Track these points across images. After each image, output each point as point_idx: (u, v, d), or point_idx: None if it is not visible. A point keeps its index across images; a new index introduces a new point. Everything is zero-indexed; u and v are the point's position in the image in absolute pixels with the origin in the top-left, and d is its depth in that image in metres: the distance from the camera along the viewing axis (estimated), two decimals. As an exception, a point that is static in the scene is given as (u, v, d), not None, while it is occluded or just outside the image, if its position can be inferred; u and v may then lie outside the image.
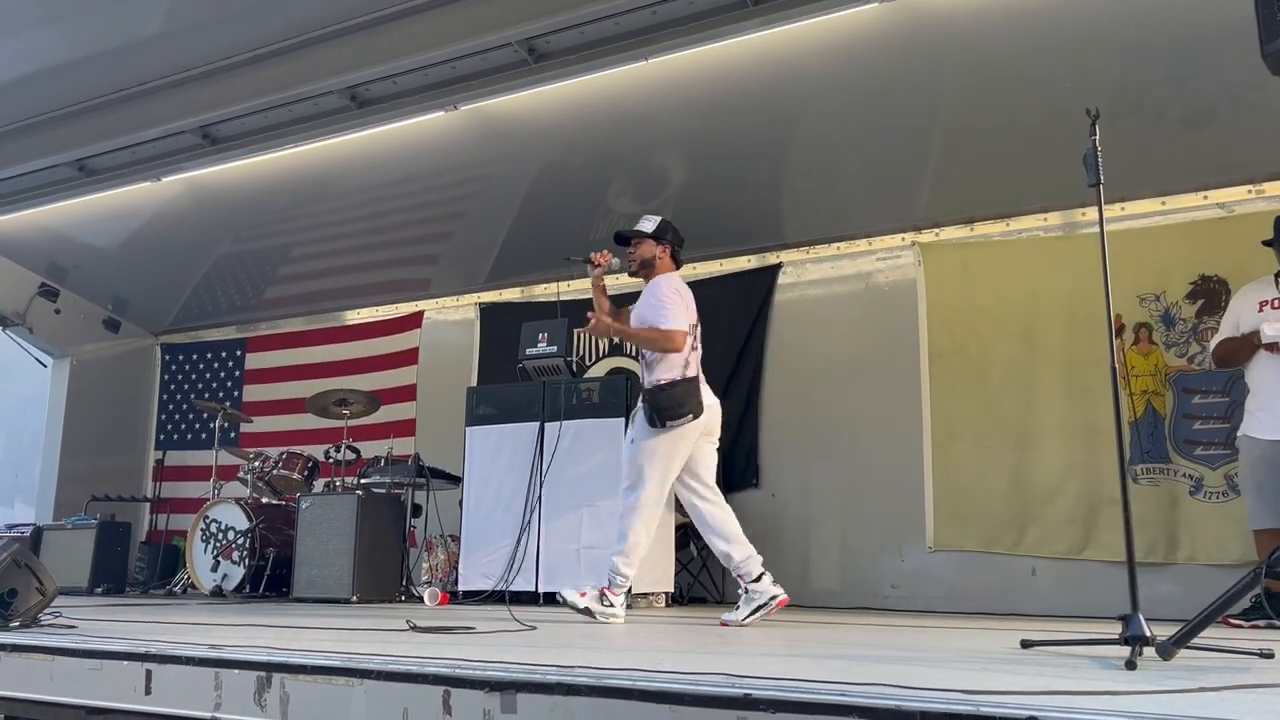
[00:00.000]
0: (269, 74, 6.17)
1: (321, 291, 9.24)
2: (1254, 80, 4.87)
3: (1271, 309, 4.83)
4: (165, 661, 2.72)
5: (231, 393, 9.88)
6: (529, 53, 5.73)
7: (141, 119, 6.71)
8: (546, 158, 6.96)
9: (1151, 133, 5.73)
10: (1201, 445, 6.01)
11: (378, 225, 8.07)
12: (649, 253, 4.87)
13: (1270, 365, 4.75)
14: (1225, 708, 1.82)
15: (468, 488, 6.59)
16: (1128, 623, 2.81)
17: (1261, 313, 4.83)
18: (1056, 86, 5.42)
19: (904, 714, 1.78)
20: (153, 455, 10.19)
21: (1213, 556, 5.82)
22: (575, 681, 2.14)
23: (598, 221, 7.59)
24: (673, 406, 4.56)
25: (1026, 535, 6.41)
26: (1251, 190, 6.08)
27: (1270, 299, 4.88)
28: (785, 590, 4.54)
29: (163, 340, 10.46)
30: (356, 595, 6.35)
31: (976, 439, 6.66)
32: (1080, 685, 2.18)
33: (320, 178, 7.37)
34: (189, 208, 7.88)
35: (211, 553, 7.17)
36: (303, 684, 2.47)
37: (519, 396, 6.52)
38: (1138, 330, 6.29)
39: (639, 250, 4.88)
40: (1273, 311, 4.80)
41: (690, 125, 6.42)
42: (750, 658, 2.80)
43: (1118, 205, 6.21)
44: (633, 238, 4.90)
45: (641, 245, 4.88)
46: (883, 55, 5.55)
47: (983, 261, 6.83)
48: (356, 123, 6.46)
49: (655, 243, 4.87)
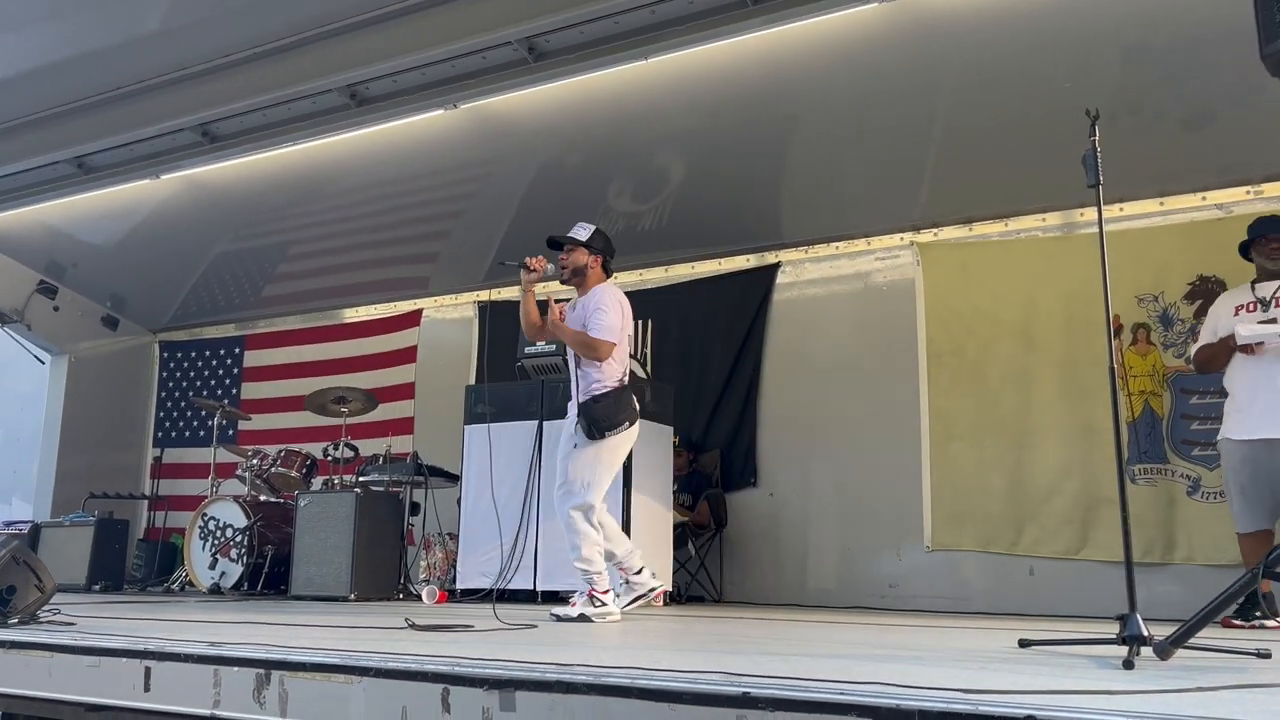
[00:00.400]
0: (268, 72, 6.17)
1: (320, 289, 9.24)
2: (1253, 81, 4.87)
3: (1247, 312, 4.85)
4: (164, 659, 2.72)
5: (230, 390, 9.88)
6: (529, 51, 5.73)
7: (141, 116, 6.70)
8: (545, 156, 6.96)
9: (1151, 133, 5.73)
10: (1199, 445, 6.01)
11: (376, 223, 8.07)
12: (581, 260, 4.88)
13: (1246, 367, 4.77)
14: (1223, 707, 1.83)
15: (466, 486, 6.59)
16: (1125, 622, 2.81)
17: (1237, 316, 4.86)
18: (1056, 87, 5.42)
19: (903, 713, 1.78)
20: (151, 452, 10.18)
21: (1210, 557, 5.82)
22: (574, 679, 2.14)
23: (597, 220, 7.58)
24: (608, 417, 4.68)
25: (1024, 535, 6.41)
26: (1250, 191, 6.09)
27: (1246, 303, 4.91)
28: (785, 590, 4.58)
29: (161, 338, 10.45)
30: (354, 593, 6.35)
31: (974, 439, 6.67)
32: (1078, 685, 2.19)
33: (319, 176, 7.37)
34: (188, 205, 7.88)
35: (210, 550, 7.17)
36: (302, 681, 2.47)
37: (517, 395, 6.52)
38: (1136, 331, 6.30)
39: (571, 257, 4.89)
40: (1248, 315, 4.83)
41: (689, 124, 6.42)
42: (749, 656, 2.80)
43: (1116, 206, 6.22)
44: (566, 243, 4.91)
45: (574, 252, 4.89)
46: (882, 55, 5.55)
47: (981, 262, 6.84)
48: (356, 121, 6.46)
49: (587, 251, 4.89)
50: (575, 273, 4.90)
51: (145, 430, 10.31)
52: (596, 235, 4.93)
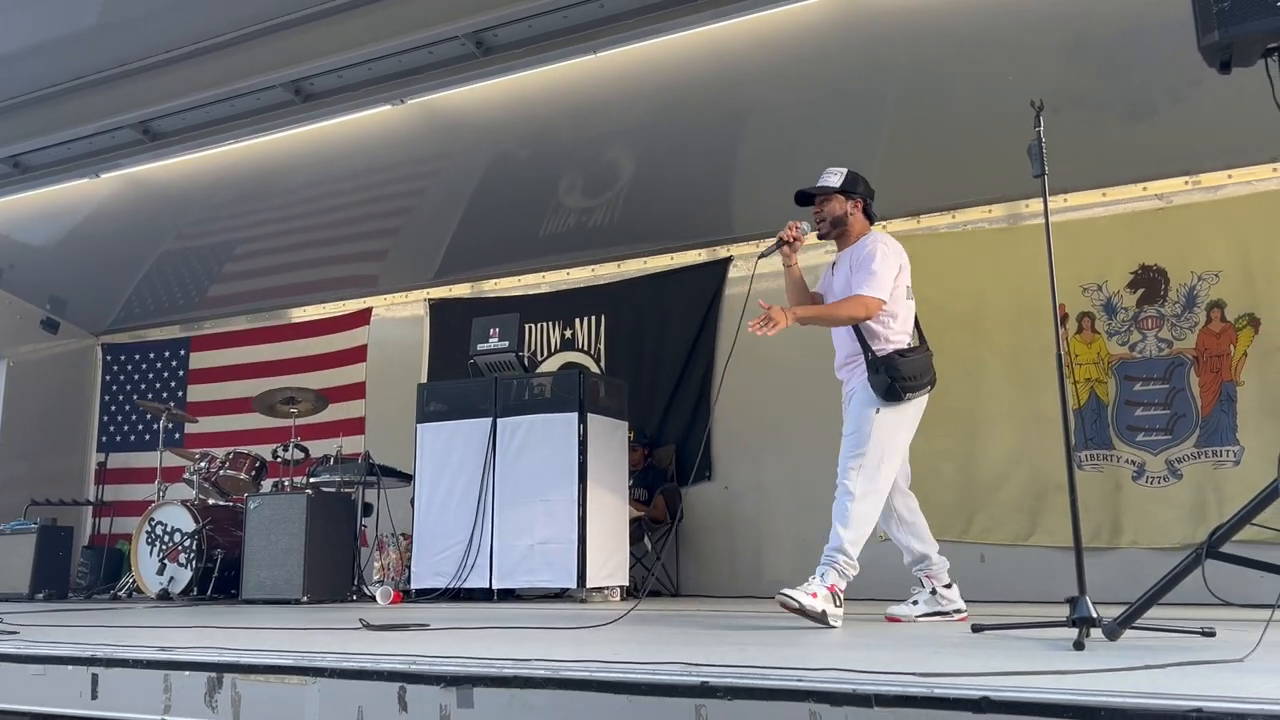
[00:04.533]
0: (210, 67, 6.08)
1: (267, 289, 9.12)
2: (1191, 76, 4.99)
3: None
4: (112, 665, 2.66)
5: (176, 393, 9.71)
6: (476, 46, 5.70)
7: (78, 114, 6.57)
8: (495, 152, 6.92)
9: (1093, 126, 5.83)
10: (1143, 431, 6.13)
11: (324, 221, 7.98)
12: (838, 209, 4.26)
13: None
14: (1169, 684, 1.86)
15: (419, 485, 6.53)
16: (1075, 605, 2.86)
17: None
18: (1001, 80, 5.49)
19: (859, 697, 1.80)
20: (95, 458, 9.98)
21: (1154, 540, 5.94)
22: (532, 674, 2.13)
23: (549, 216, 7.57)
24: (916, 375, 4.09)
25: (975, 523, 6.50)
26: (1189, 182, 6.22)
27: None
28: (741, 582, 4.50)
29: (104, 340, 10.25)
30: (307, 596, 6.28)
31: (925, 428, 6.66)
32: (1030, 666, 2.22)
33: (265, 173, 7.27)
34: (129, 205, 7.73)
35: (157, 556, 7.04)
36: (255, 684, 2.44)
37: (471, 392, 6.47)
38: (1081, 319, 6.41)
39: (827, 208, 4.27)
40: None
41: (640, 119, 6.42)
42: (706, 647, 2.81)
43: (1060, 197, 6.32)
44: (817, 195, 4.30)
45: (829, 202, 4.27)
46: (829, 49, 5.60)
47: (929, 254, 6.87)
48: (301, 117, 6.39)
49: (844, 198, 4.26)
50: (834, 224, 4.29)
51: (88, 435, 10.10)
52: (851, 178, 4.28)
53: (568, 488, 6.00)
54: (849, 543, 3.86)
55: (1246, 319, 5.96)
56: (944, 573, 4.26)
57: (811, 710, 1.83)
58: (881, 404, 4.03)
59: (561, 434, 6.09)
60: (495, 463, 6.21)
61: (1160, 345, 6.18)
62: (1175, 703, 1.60)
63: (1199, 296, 6.10)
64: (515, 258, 8.19)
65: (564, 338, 8.18)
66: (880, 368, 4.03)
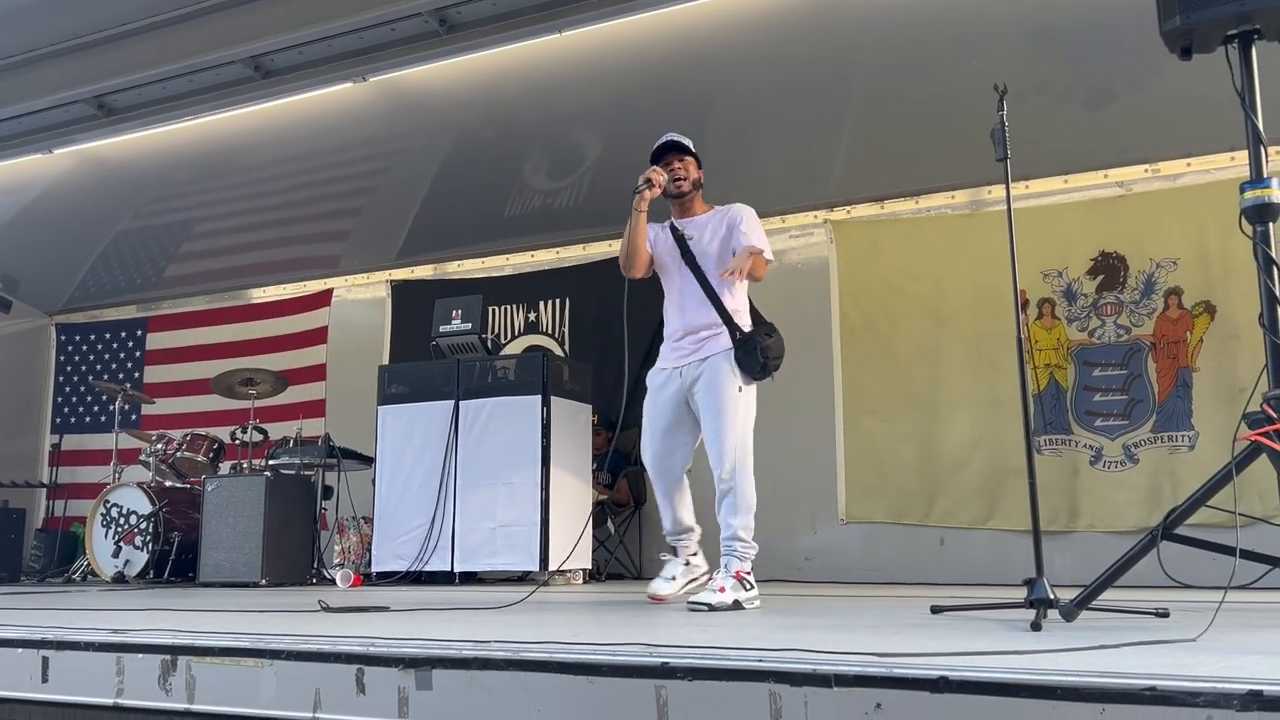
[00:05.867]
0: (168, 41, 5.96)
1: (226, 269, 8.98)
2: (1151, 66, 5.05)
3: None
4: (63, 648, 2.62)
5: (132, 374, 9.56)
6: (440, 23, 5.63)
7: (30, 88, 6.43)
8: (459, 132, 6.85)
9: (1055, 113, 5.87)
10: (1101, 416, 6.21)
11: (285, 200, 7.88)
12: (696, 174, 4.18)
13: None
14: (1125, 663, 1.88)
15: (380, 468, 6.48)
16: (1032, 587, 2.89)
17: None
18: (964, 66, 5.52)
19: (819, 677, 1.80)
20: (49, 439, 9.81)
21: (1111, 523, 6.03)
22: (492, 656, 2.11)
23: (513, 197, 7.51)
24: (780, 357, 4.03)
25: (935, 506, 6.55)
26: (1148, 170, 6.28)
27: None
28: (705, 563, 4.49)
29: (58, 320, 10.05)
30: (265, 579, 6.21)
31: (887, 413, 6.78)
32: (988, 646, 2.24)
33: (224, 150, 7.15)
34: (84, 181, 7.58)
35: (113, 538, 6.93)
36: (209, 666, 2.40)
37: (433, 375, 6.42)
38: (1041, 305, 6.47)
39: (689, 170, 4.15)
40: None
41: (605, 100, 6.39)
42: (667, 628, 2.81)
43: (1022, 183, 6.36)
44: (681, 151, 4.14)
45: (690, 166, 4.15)
46: (795, 33, 5.59)
47: (892, 239, 6.94)
48: (261, 94, 6.29)
49: (697, 164, 4.18)
50: (695, 186, 4.18)
51: (42, 416, 9.91)
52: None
53: (530, 471, 5.97)
54: (743, 529, 3.91)
55: (1203, 306, 6.04)
56: (695, 543, 4.28)
57: (771, 690, 1.83)
58: (744, 382, 3.96)
59: (524, 417, 6.06)
60: (457, 445, 6.17)
61: (1119, 331, 6.25)
62: (1130, 681, 1.62)
63: (1157, 283, 6.17)
64: (479, 239, 8.12)
65: (528, 320, 8.13)
66: (753, 347, 3.94)
